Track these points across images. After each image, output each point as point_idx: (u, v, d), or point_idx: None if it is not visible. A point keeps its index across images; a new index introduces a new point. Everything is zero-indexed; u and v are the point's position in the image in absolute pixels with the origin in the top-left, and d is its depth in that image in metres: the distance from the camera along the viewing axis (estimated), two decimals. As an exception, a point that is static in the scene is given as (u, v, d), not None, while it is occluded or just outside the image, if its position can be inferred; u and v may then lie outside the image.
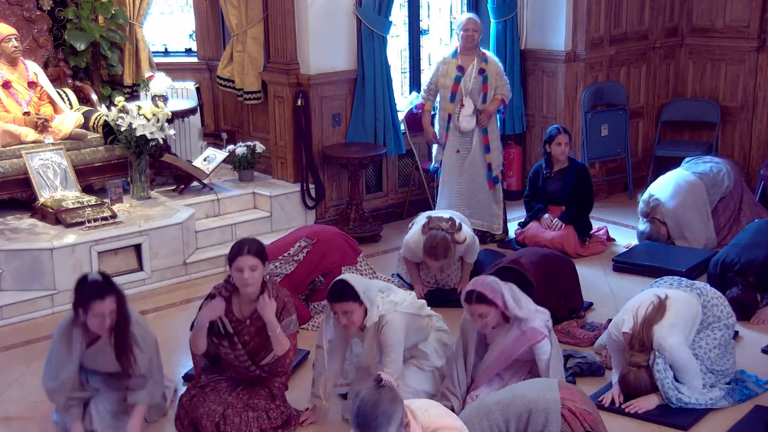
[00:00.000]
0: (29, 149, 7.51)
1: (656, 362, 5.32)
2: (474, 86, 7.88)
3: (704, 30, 9.70)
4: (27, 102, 7.78)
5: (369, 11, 8.35)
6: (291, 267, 6.65)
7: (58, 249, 6.96)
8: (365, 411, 3.73)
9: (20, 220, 7.42)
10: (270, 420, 5.20)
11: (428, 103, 8.14)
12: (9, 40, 7.66)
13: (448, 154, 8.05)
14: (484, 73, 7.89)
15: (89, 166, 7.84)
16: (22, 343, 6.52)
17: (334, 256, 6.83)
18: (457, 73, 7.87)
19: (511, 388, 4.67)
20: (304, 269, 6.70)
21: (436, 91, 8.06)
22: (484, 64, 7.92)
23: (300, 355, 6.07)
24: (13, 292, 6.90)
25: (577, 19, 9.16)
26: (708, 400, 5.41)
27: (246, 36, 8.75)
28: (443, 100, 8.01)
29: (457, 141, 8.00)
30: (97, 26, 8.43)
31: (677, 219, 7.74)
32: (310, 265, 6.73)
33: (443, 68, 7.96)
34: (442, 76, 7.95)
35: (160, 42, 9.61)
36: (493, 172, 8.06)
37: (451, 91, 7.89)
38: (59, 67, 8.37)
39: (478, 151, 8.00)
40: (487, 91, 7.94)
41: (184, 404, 5.20)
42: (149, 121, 7.67)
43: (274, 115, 8.65)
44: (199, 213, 7.92)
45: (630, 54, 9.68)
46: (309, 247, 6.74)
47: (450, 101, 7.92)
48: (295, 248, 6.72)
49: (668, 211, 7.74)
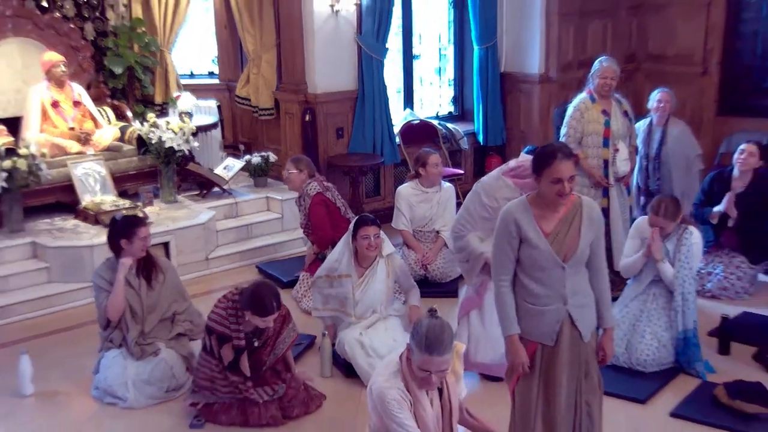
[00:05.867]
0: (73, 159, 7.55)
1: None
2: (623, 130, 6.85)
3: (658, 57, 9.76)
4: (72, 119, 7.80)
5: (368, 38, 8.39)
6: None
7: (97, 246, 6.91)
8: (435, 334, 3.81)
9: (65, 221, 7.44)
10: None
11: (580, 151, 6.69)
12: (58, 66, 7.70)
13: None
14: (628, 115, 6.91)
15: (124, 174, 7.87)
16: (65, 328, 6.53)
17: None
18: (605, 117, 6.75)
19: None
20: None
21: (579, 139, 6.79)
22: (625, 106, 6.91)
23: (307, 340, 6.14)
24: (58, 284, 6.93)
25: (549, 46, 9.21)
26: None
27: (261, 60, 8.85)
28: (593, 147, 6.75)
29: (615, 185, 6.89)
30: (132, 53, 8.51)
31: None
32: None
33: (587, 115, 6.75)
34: (588, 122, 6.74)
35: (187, 66, 9.66)
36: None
37: (603, 137, 6.77)
38: (100, 88, 8.41)
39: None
40: (632, 132, 7.08)
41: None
42: (176, 135, 7.71)
43: (285, 129, 8.72)
44: (219, 214, 7.95)
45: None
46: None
47: (603, 146, 6.77)
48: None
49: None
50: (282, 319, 5.23)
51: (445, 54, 9.98)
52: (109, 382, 5.44)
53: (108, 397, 5.45)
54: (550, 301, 4.05)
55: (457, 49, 9.86)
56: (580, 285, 4.10)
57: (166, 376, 5.48)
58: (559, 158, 3.91)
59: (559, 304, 4.05)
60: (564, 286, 4.03)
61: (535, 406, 4.17)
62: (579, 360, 4.13)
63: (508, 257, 4.07)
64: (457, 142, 9.34)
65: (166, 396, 5.47)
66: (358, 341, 5.55)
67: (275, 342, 5.20)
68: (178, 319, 5.63)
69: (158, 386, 5.46)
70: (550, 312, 4.06)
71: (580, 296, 4.09)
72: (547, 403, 4.16)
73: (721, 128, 9.30)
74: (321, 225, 6.85)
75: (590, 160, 6.71)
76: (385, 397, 3.89)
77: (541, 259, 4.01)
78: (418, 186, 7.30)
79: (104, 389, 5.47)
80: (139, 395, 5.39)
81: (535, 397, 4.16)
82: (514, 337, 4.10)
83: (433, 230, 7.30)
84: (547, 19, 9.15)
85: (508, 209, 4.10)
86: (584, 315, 4.10)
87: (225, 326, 5.05)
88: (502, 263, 4.09)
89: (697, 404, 5.33)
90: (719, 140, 9.01)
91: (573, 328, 4.08)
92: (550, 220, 4.03)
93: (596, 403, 4.22)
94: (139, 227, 5.43)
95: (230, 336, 5.04)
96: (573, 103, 6.87)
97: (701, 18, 9.37)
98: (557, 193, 3.95)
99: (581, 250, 4.01)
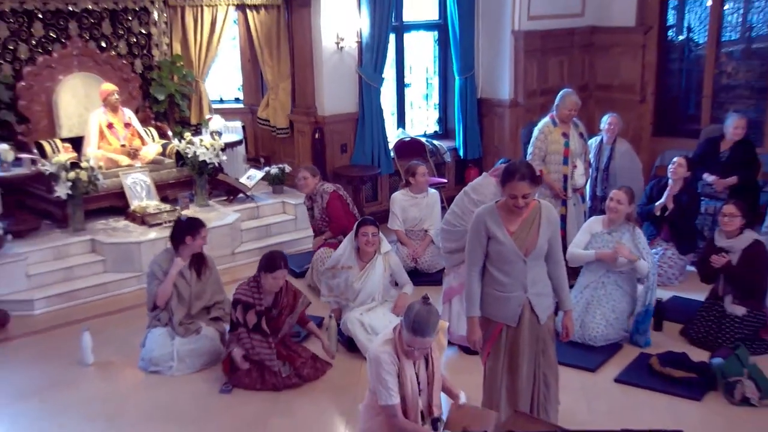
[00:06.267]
0: (124, 171, 7.59)
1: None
2: (579, 149, 6.81)
3: (605, 87, 9.69)
4: (123, 137, 7.80)
5: (367, 70, 8.40)
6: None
7: (143, 242, 7.01)
8: (423, 318, 3.76)
9: (117, 222, 7.44)
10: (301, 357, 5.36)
11: (544, 168, 6.66)
12: (112, 95, 7.70)
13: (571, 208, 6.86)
14: (583, 136, 6.89)
15: (165, 182, 7.86)
16: (117, 310, 6.59)
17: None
18: (565, 139, 6.68)
19: None
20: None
21: (543, 157, 6.71)
22: (581, 128, 6.86)
23: (317, 320, 6.07)
24: (112, 274, 6.98)
25: (517, 77, 9.17)
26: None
27: (278, 88, 8.85)
28: (555, 164, 6.70)
29: (572, 196, 6.84)
30: (172, 83, 8.50)
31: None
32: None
33: (550, 137, 6.68)
34: (551, 143, 6.67)
35: (217, 93, 9.62)
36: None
37: (564, 155, 6.71)
38: (146, 112, 8.40)
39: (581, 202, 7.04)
40: (587, 150, 7.05)
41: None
42: (208, 150, 7.73)
43: (298, 145, 8.73)
44: (243, 216, 7.95)
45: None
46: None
47: (564, 164, 6.71)
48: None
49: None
50: (293, 294, 5.35)
51: (432, 83, 9.94)
52: (155, 355, 5.48)
53: (152, 366, 5.50)
54: (514, 288, 4.06)
55: (441, 79, 9.82)
56: (539, 276, 4.12)
57: (206, 349, 5.55)
58: (517, 178, 3.93)
59: (520, 292, 4.07)
60: (525, 277, 4.05)
61: (500, 376, 4.21)
62: (537, 339, 4.16)
63: (477, 253, 4.09)
64: (442, 156, 9.32)
65: (203, 366, 5.51)
66: (359, 320, 5.60)
67: (291, 311, 5.32)
68: (216, 306, 5.69)
69: (199, 358, 5.52)
70: (513, 298, 4.08)
71: (538, 286, 4.11)
72: (511, 374, 4.19)
73: (655, 146, 9.28)
74: (338, 215, 6.91)
75: (552, 175, 6.67)
76: (377, 358, 3.89)
77: (507, 254, 4.02)
78: (408, 193, 7.29)
79: (149, 360, 5.51)
80: (182, 365, 5.46)
81: (501, 368, 4.20)
82: (474, 318, 4.14)
83: (422, 229, 7.29)
84: (515, 56, 9.13)
85: (479, 213, 4.12)
86: (541, 302, 4.13)
87: (248, 296, 5.22)
88: (474, 257, 4.11)
89: (636, 372, 5.39)
90: (655, 156, 9.01)
91: (532, 313, 4.11)
92: (514, 221, 4.04)
93: (552, 375, 4.27)
94: (201, 227, 5.56)
95: (252, 303, 5.20)
96: (538, 126, 6.83)
97: (639, 57, 9.36)
98: (513, 205, 3.99)
99: (540, 246, 4.03)
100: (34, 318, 6.46)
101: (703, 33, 9.05)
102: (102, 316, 6.46)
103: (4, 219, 7.04)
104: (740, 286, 5.74)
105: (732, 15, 8.84)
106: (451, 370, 5.44)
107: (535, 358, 4.19)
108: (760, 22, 8.61)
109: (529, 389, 4.20)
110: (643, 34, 9.32)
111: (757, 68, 8.67)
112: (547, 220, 4.07)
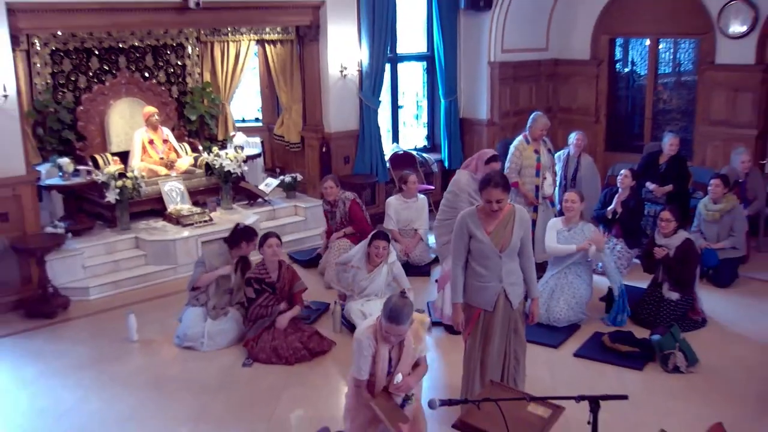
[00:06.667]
0: (162, 180, 7.58)
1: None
2: (548, 162, 6.70)
3: (566, 109, 9.66)
4: (162, 152, 7.79)
5: (367, 94, 8.36)
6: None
7: (178, 240, 7.01)
8: (398, 308, 3.60)
9: (156, 223, 7.42)
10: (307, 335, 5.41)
11: (519, 179, 6.59)
12: (153, 116, 7.70)
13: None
14: (551, 152, 6.81)
15: (196, 189, 7.81)
16: (156, 297, 6.60)
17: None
18: (536, 155, 6.60)
19: None
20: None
21: (518, 170, 6.60)
22: (548, 145, 6.76)
23: (324, 306, 6.12)
24: (152, 266, 6.97)
25: (493, 100, 9.15)
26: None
27: (291, 109, 8.80)
28: (528, 177, 6.61)
29: (542, 202, 6.73)
30: (203, 105, 8.50)
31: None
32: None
33: (524, 153, 6.60)
34: (524, 159, 6.59)
35: (240, 113, 9.59)
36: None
37: (536, 168, 6.63)
38: (180, 130, 8.38)
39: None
40: (554, 163, 6.91)
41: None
42: (232, 162, 7.72)
43: (308, 157, 8.66)
44: (261, 218, 7.83)
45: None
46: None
47: (536, 176, 6.63)
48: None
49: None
50: (292, 272, 5.51)
51: (421, 105, 9.89)
52: (189, 333, 5.52)
53: (186, 342, 5.52)
54: (491, 280, 4.06)
55: (429, 102, 9.77)
56: (512, 269, 4.10)
57: (232, 330, 5.56)
58: (491, 185, 3.94)
59: (496, 282, 4.06)
60: (501, 270, 4.05)
61: (476, 352, 4.22)
62: (509, 321, 4.16)
63: (461, 249, 4.10)
64: (430, 166, 9.27)
65: (229, 344, 5.53)
66: (360, 310, 5.60)
67: (290, 286, 5.45)
68: (242, 295, 5.66)
69: (225, 337, 5.53)
70: (490, 287, 4.08)
71: (512, 277, 4.10)
72: (484, 349, 4.20)
73: (607, 160, 9.27)
74: (359, 218, 6.94)
75: (526, 186, 6.61)
76: (359, 341, 3.77)
77: (485, 250, 4.02)
78: (401, 198, 7.28)
79: (183, 337, 5.54)
80: (211, 342, 5.47)
81: (477, 345, 4.21)
82: (457, 304, 4.16)
83: (413, 229, 7.25)
84: (491, 83, 9.12)
85: (462, 215, 4.11)
86: (514, 290, 4.12)
87: (258, 273, 5.36)
88: (458, 253, 4.12)
89: (591, 347, 5.43)
90: (607, 167, 9.03)
91: (506, 300, 4.11)
92: (491, 223, 4.03)
93: (521, 351, 4.27)
94: (255, 236, 5.63)
95: (262, 277, 5.35)
96: (513, 144, 6.75)
97: (593, 85, 9.36)
98: (489, 208, 4.00)
99: (513, 244, 4.02)
100: (89, 302, 6.49)
101: (644, 67, 9.07)
102: (144, 301, 6.48)
103: (65, 220, 7.07)
104: (674, 276, 5.79)
105: (665, 53, 8.89)
106: (439, 347, 5.50)
107: (507, 337, 4.19)
108: (686, 59, 8.71)
109: (499, 363, 4.21)
110: (597, 66, 9.33)
111: (686, 96, 8.74)
112: (520, 221, 4.06)
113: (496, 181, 3.95)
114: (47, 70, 7.50)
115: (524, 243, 4.10)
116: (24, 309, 6.25)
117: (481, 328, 4.18)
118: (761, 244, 7.49)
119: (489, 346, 4.17)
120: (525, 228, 4.09)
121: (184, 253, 7.01)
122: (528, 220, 4.15)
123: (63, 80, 7.66)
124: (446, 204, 5.55)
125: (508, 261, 4.05)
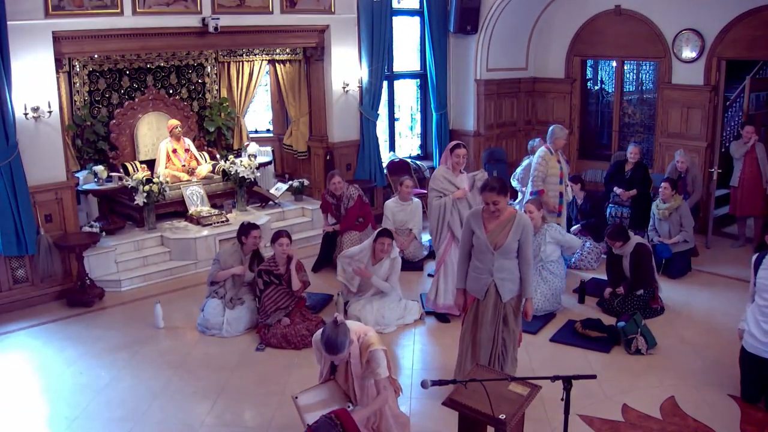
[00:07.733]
0: (184, 185, 7.58)
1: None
2: (567, 171, 6.67)
3: (544, 122, 9.49)
4: (184, 160, 7.77)
5: (366, 107, 8.34)
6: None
7: (198, 238, 7.02)
8: (333, 340, 3.39)
9: (179, 223, 7.40)
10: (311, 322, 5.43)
11: (544, 187, 6.50)
12: (176, 128, 7.68)
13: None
14: (567, 162, 6.85)
15: (214, 193, 7.78)
16: (180, 288, 6.62)
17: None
18: (559, 164, 6.53)
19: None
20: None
21: (543, 179, 6.50)
22: (560, 156, 6.65)
23: (328, 296, 6.11)
24: (175, 261, 6.99)
25: (479, 114, 9.14)
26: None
27: (299, 122, 8.75)
28: (553, 184, 6.49)
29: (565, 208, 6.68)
30: (220, 118, 8.45)
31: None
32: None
33: (549, 162, 6.48)
34: (550, 168, 6.47)
35: (253, 125, 9.51)
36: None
37: (560, 177, 6.54)
38: (200, 141, 8.34)
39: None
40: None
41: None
42: (246, 168, 7.73)
43: (314, 164, 8.63)
44: (272, 218, 7.79)
45: (507, 133, 9.47)
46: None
47: (560, 183, 6.54)
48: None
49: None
50: (299, 263, 5.49)
51: (415, 117, 9.89)
52: (210, 321, 5.52)
53: (207, 329, 5.53)
54: (483, 272, 4.10)
55: (422, 115, 9.76)
56: (504, 267, 4.07)
57: (247, 318, 5.58)
58: (488, 189, 3.98)
59: (488, 275, 4.09)
60: (492, 265, 4.06)
61: (468, 333, 4.28)
62: (497, 310, 4.16)
63: (466, 243, 4.18)
64: (423, 172, 9.24)
65: (245, 330, 5.55)
66: (356, 315, 5.55)
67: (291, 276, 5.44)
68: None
69: (241, 324, 5.55)
70: (482, 279, 4.12)
71: (503, 273, 4.09)
72: (474, 333, 4.26)
73: (580, 166, 9.30)
74: (367, 211, 7.07)
75: (550, 193, 6.45)
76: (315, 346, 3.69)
77: (481, 246, 4.06)
78: (397, 201, 7.26)
79: (204, 324, 5.55)
80: (229, 329, 5.50)
81: (470, 326, 4.26)
82: (459, 289, 4.24)
83: (408, 229, 7.21)
84: (477, 98, 9.13)
85: (469, 215, 4.17)
86: (504, 285, 4.11)
87: (267, 265, 5.38)
88: (464, 246, 4.20)
89: (565, 333, 5.47)
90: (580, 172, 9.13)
91: (495, 292, 4.13)
92: (492, 223, 4.06)
93: (509, 338, 4.26)
94: (252, 230, 5.56)
95: (270, 269, 5.37)
96: (538, 154, 6.59)
97: (567, 101, 9.37)
98: (488, 209, 4.04)
99: (507, 244, 4.01)
100: (121, 293, 6.52)
101: (611, 85, 9.11)
102: (169, 292, 6.50)
103: (100, 220, 7.10)
104: (636, 279, 5.84)
105: (630, 73, 8.95)
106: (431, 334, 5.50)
107: (496, 324, 4.19)
108: (647, 79, 8.81)
109: (488, 347, 4.22)
110: (570, 84, 9.34)
111: (647, 112, 8.80)
112: (518, 225, 4.02)
113: (492, 186, 4.00)
114: (85, 88, 7.55)
115: (523, 247, 4.05)
116: (65, 298, 6.30)
117: (474, 312, 4.24)
118: (710, 241, 7.62)
119: (480, 330, 4.21)
120: (524, 233, 4.03)
121: (204, 249, 7.05)
122: (529, 227, 4.07)
123: (98, 97, 7.69)
124: (431, 187, 5.63)
125: (500, 258, 4.05)
